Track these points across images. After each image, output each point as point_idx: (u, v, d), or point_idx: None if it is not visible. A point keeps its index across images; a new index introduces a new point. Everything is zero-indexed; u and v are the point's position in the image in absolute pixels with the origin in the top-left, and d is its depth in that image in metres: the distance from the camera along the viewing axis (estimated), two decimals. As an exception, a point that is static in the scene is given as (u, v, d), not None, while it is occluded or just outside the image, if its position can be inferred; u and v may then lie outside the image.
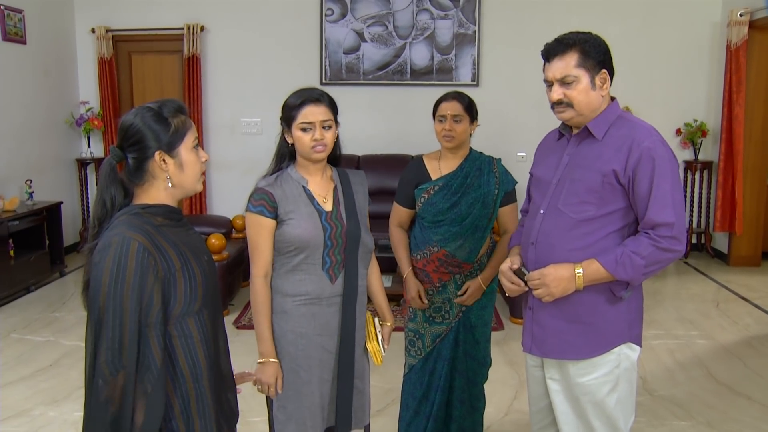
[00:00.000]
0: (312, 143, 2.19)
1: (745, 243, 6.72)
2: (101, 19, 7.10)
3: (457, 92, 2.83)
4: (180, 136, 1.72)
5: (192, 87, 7.01)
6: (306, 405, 2.22)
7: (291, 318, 2.22)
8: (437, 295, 2.84)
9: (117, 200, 1.71)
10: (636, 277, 1.98)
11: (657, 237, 1.95)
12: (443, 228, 2.77)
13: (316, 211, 2.22)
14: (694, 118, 6.86)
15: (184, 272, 1.67)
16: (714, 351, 4.51)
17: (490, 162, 2.85)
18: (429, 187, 2.79)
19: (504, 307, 5.31)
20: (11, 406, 3.69)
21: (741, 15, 6.34)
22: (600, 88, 2.04)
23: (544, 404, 2.28)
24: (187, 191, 1.78)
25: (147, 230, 1.63)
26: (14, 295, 5.61)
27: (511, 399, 3.78)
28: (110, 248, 1.58)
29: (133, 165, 1.71)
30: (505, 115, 6.89)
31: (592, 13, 6.76)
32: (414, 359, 2.90)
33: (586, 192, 2.02)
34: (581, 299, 2.04)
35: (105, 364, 1.53)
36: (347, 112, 7.77)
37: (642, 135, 2.00)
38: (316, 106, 2.19)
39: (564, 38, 2.04)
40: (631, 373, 2.12)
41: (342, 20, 6.97)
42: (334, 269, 2.23)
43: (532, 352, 2.19)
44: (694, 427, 3.47)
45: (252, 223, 2.20)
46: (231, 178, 7.11)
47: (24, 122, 6.38)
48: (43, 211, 6.03)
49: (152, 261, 1.59)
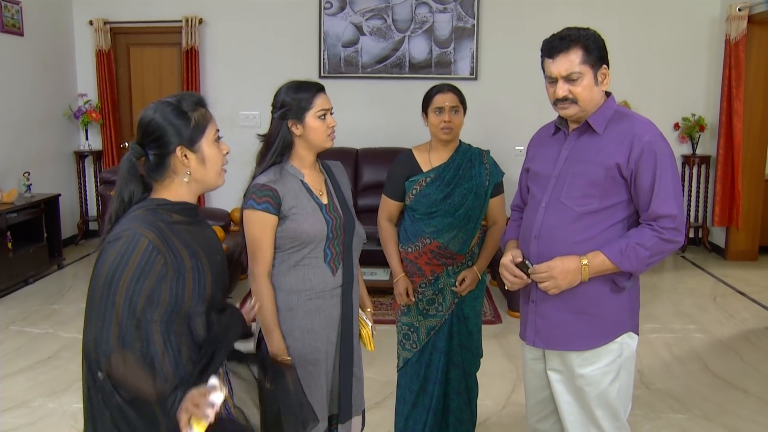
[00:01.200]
0: (329, 130, 2.22)
1: (742, 237, 6.74)
2: (99, 11, 7.08)
3: (449, 84, 2.84)
4: (201, 130, 1.71)
5: (190, 80, 6.99)
6: (316, 398, 2.22)
7: (297, 314, 2.21)
8: (429, 287, 2.84)
9: (135, 196, 1.70)
10: (640, 267, 2.02)
11: (660, 228, 1.99)
12: (436, 219, 2.78)
13: (317, 205, 2.22)
14: (692, 112, 6.86)
15: (194, 273, 1.66)
16: (711, 345, 4.53)
17: (480, 153, 2.87)
18: (421, 179, 2.79)
19: (502, 301, 5.32)
20: (11, 398, 3.70)
21: (740, 10, 6.33)
22: (601, 84, 2.07)
23: (542, 396, 2.30)
24: (209, 186, 1.77)
25: (160, 227, 1.62)
26: (13, 288, 5.61)
27: (509, 392, 3.79)
28: (119, 241, 1.58)
29: (154, 161, 1.69)
30: (503, 108, 6.90)
31: (592, 8, 6.75)
32: (409, 353, 2.90)
33: (589, 185, 2.05)
34: (585, 290, 2.07)
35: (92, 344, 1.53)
36: (346, 106, 7.78)
37: (642, 129, 2.04)
38: (325, 94, 2.24)
39: (567, 35, 2.05)
40: (631, 362, 2.16)
41: (341, 13, 6.96)
42: (334, 261, 2.24)
43: (536, 345, 2.20)
44: (691, 420, 3.49)
45: (255, 221, 2.15)
46: (230, 170, 6.89)
47: (22, 115, 6.36)
48: (41, 203, 6.03)
49: (161, 259, 1.59)
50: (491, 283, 5.80)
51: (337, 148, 6.65)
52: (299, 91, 2.21)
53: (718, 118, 6.68)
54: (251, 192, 2.17)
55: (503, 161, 3.19)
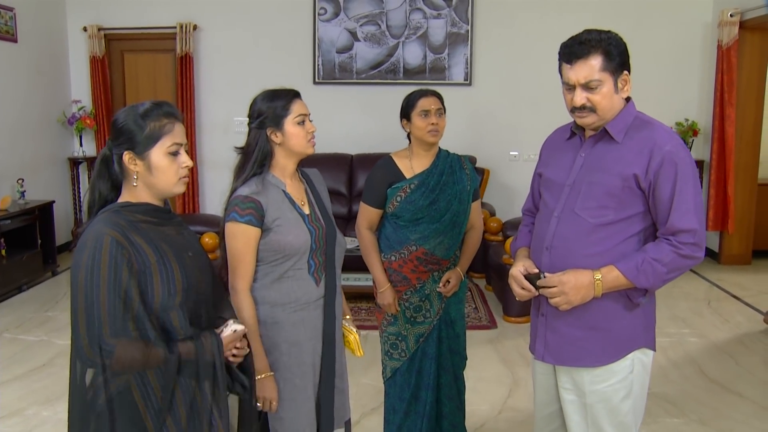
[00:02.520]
0: (309, 136, 2.20)
1: (735, 242, 6.77)
2: (93, 17, 7.07)
3: (429, 89, 2.85)
4: (152, 140, 1.74)
5: (185, 86, 6.99)
6: (303, 412, 2.20)
7: (283, 328, 2.16)
8: (415, 294, 2.83)
9: (103, 192, 1.79)
10: (656, 284, 1.94)
11: (678, 243, 1.90)
12: (422, 226, 2.77)
13: (299, 215, 2.19)
14: (685, 117, 6.90)
15: (160, 266, 1.70)
16: (706, 349, 4.55)
17: (459, 159, 2.88)
18: (404, 186, 2.78)
19: (497, 306, 5.32)
20: (5, 406, 3.68)
21: (732, 15, 6.37)
22: (622, 90, 1.98)
23: (550, 410, 2.23)
24: (162, 193, 1.81)
25: (121, 225, 1.68)
26: (7, 295, 5.59)
27: (504, 397, 3.79)
28: (85, 246, 1.64)
29: (115, 159, 1.77)
30: (497, 114, 6.91)
31: (584, 13, 6.76)
32: (397, 362, 2.89)
33: (605, 196, 1.95)
34: (598, 306, 1.99)
35: (86, 348, 1.60)
36: (340, 112, 7.78)
37: (663, 138, 1.93)
38: (301, 100, 2.22)
39: (586, 39, 1.93)
40: (645, 377, 2.09)
41: (335, 19, 6.97)
42: (318, 272, 2.21)
43: (545, 360, 2.12)
44: (687, 424, 3.50)
45: (238, 234, 2.10)
46: (224, 177, 7.00)
47: (16, 121, 6.35)
48: (36, 210, 6.01)
49: (126, 254, 1.64)
50: (486, 288, 5.80)
51: (332, 154, 6.67)
52: (275, 98, 2.18)
53: (711, 123, 6.71)
54: (234, 204, 2.11)
55: (497, 166, 3.21)
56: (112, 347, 1.59)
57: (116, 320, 1.59)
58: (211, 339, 1.76)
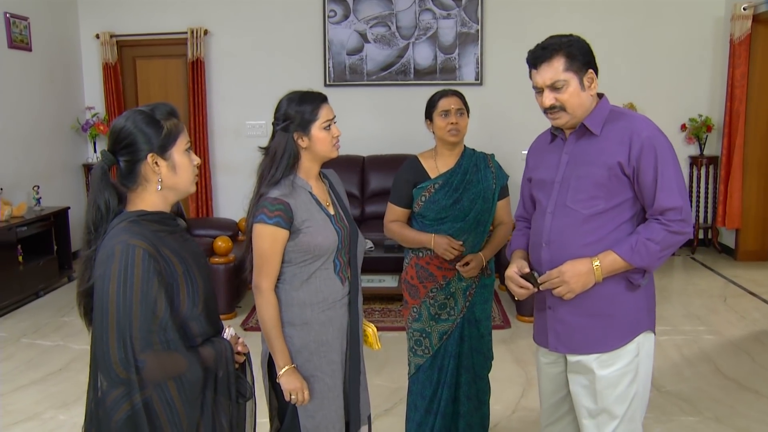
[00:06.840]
0: (334, 140, 2.22)
1: (752, 238, 6.71)
2: (105, 24, 7.14)
3: (451, 89, 2.88)
4: (173, 138, 1.74)
5: (196, 91, 7.04)
6: (333, 409, 2.22)
7: (313, 328, 2.19)
8: (441, 291, 2.85)
9: (111, 204, 1.71)
10: (652, 262, 2.03)
11: (667, 221, 2.01)
12: (447, 225, 2.80)
13: (326, 216, 2.21)
14: (699, 113, 6.85)
15: (186, 277, 1.70)
16: (721, 346, 4.51)
17: (485, 158, 2.90)
18: (429, 186, 2.82)
19: (511, 306, 5.31)
20: (22, 410, 3.72)
21: (744, 9, 6.32)
22: (589, 88, 2.08)
23: (556, 399, 2.30)
24: (181, 193, 1.80)
25: (148, 237, 1.64)
26: (24, 301, 5.65)
27: (518, 397, 3.78)
28: (114, 257, 1.59)
29: (125, 169, 1.72)
30: (508, 113, 6.89)
31: (595, 11, 6.76)
32: (421, 359, 2.91)
33: (594, 187, 2.06)
34: (601, 292, 2.08)
35: (118, 365, 1.56)
36: (351, 114, 7.79)
37: (640, 126, 2.05)
38: (328, 104, 2.23)
39: (548, 44, 2.06)
40: (649, 362, 2.16)
41: (345, 21, 6.99)
42: (343, 271, 2.24)
43: (559, 351, 2.20)
44: (702, 422, 3.47)
45: (266, 235, 2.11)
46: (237, 180, 7.12)
47: (30, 129, 6.42)
48: (51, 216, 6.06)
49: (157, 267, 1.62)
50: (500, 288, 5.79)
51: (344, 156, 6.67)
52: (303, 102, 2.18)
53: (723, 119, 6.66)
54: (263, 205, 2.12)
55: (509, 166, 3.20)
56: (143, 363, 1.57)
57: (147, 334, 1.58)
58: (224, 344, 1.78)
